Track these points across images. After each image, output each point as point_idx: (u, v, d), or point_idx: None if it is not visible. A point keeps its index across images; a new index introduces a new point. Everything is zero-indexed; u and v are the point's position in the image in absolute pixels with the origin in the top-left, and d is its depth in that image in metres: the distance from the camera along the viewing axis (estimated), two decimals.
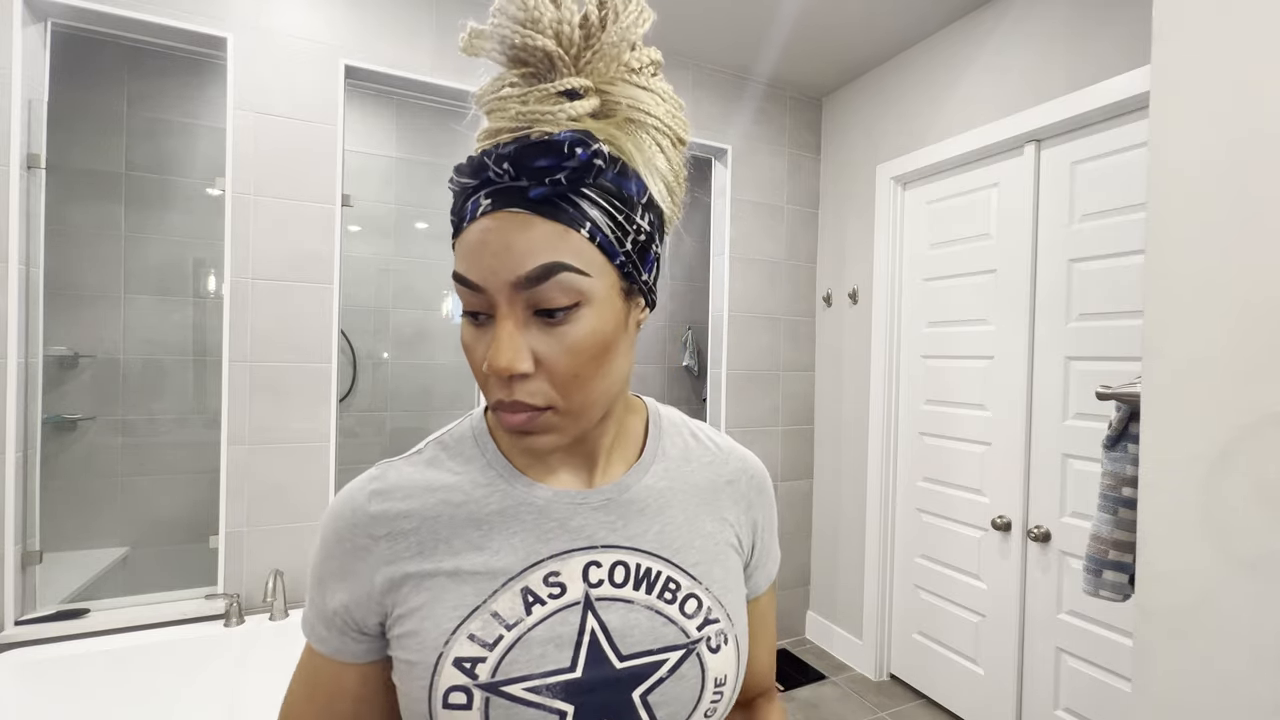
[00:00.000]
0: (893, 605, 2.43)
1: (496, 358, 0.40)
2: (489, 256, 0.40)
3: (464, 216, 0.42)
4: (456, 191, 0.44)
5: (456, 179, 0.43)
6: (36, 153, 1.61)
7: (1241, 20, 0.78)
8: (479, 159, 0.41)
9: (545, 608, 0.45)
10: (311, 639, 0.49)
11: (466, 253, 0.41)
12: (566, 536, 0.47)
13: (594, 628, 0.45)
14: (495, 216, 0.40)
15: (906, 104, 2.33)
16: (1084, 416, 1.78)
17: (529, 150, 0.39)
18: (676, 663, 0.46)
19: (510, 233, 0.39)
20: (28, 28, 1.57)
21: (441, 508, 0.47)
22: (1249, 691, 0.76)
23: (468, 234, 0.41)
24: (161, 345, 2.23)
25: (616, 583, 0.47)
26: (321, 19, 1.85)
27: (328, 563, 0.47)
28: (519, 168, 0.39)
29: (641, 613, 0.47)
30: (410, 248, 2.74)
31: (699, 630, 0.48)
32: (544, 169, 0.39)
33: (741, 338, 2.57)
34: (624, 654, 0.45)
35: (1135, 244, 1.66)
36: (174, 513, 2.21)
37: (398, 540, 0.46)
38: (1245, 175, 0.78)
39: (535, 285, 0.39)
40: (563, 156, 0.39)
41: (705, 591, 0.49)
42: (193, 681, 1.60)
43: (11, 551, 1.55)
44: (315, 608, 0.48)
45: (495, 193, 0.40)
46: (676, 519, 0.51)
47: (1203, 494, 0.80)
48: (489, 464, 0.49)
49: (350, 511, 0.47)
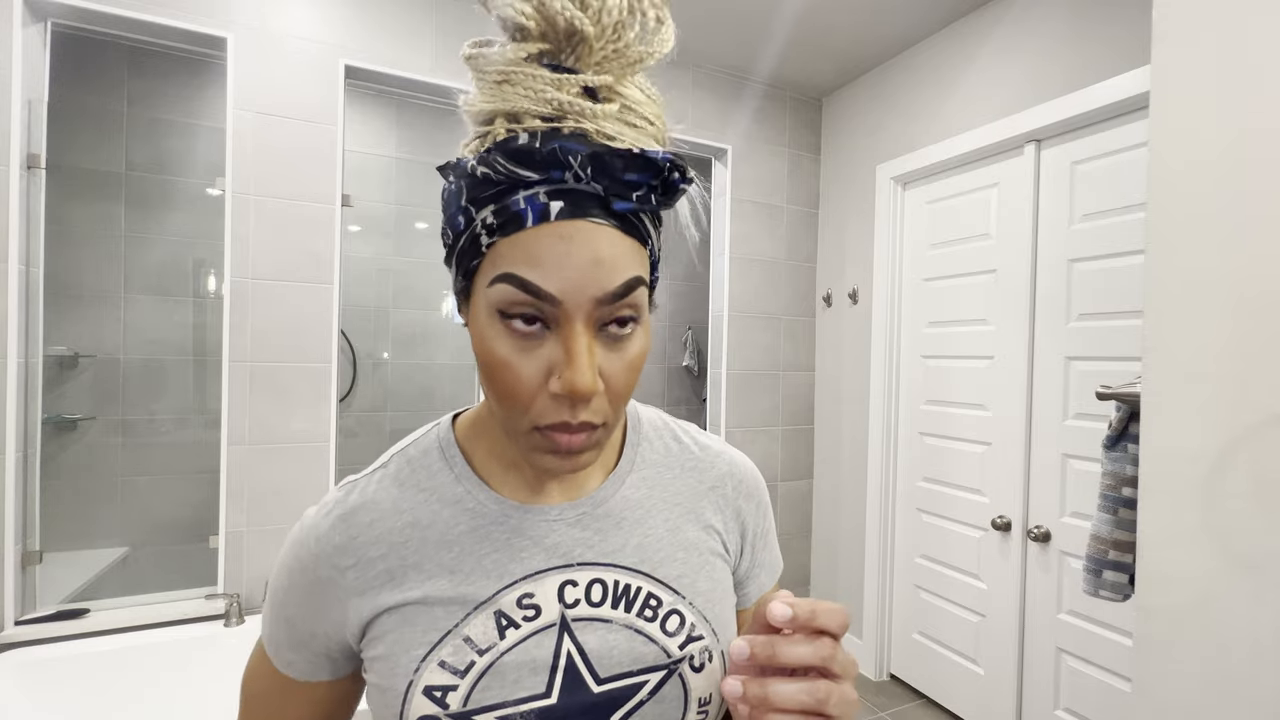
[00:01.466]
0: (893, 605, 2.43)
1: (580, 379, 0.36)
2: (572, 269, 0.35)
3: (516, 217, 0.36)
4: (499, 177, 0.36)
5: (505, 165, 0.36)
6: (36, 153, 1.61)
7: (1241, 20, 0.78)
8: (554, 152, 0.35)
9: (519, 631, 0.43)
10: (279, 664, 0.47)
11: (538, 258, 0.36)
12: (541, 555, 0.45)
13: (570, 650, 0.43)
14: (574, 224, 0.36)
15: (906, 104, 2.33)
16: (1084, 416, 1.78)
17: (625, 161, 0.36)
18: (657, 684, 0.44)
19: (597, 245, 0.36)
20: (28, 28, 1.57)
21: (409, 531, 0.45)
22: (1249, 691, 0.76)
23: (536, 237, 0.36)
24: (161, 345, 2.23)
25: (594, 602, 0.45)
26: (321, 19, 1.85)
27: (292, 592, 0.46)
28: (603, 174, 0.35)
29: (620, 633, 0.45)
30: (410, 248, 2.74)
31: (680, 649, 0.46)
32: (633, 184, 0.36)
33: (741, 338, 2.57)
34: (602, 677, 0.43)
35: (1135, 244, 1.65)
36: (174, 513, 2.21)
37: (366, 569, 0.44)
38: (1245, 175, 0.78)
39: (616, 301, 0.37)
40: (658, 176, 0.37)
41: (689, 606, 0.47)
42: (193, 682, 1.60)
43: (11, 551, 1.55)
44: (284, 633, 0.46)
45: (567, 195, 0.36)
46: (657, 530, 0.49)
47: (1203, 494, 0.80)
48: (457, 479, 0.47)
49: (314, 541, 0.45)
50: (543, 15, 0.35)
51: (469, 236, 0.38)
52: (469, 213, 0.38)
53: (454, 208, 0.39)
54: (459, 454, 0.48)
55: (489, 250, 0.37)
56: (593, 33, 0.36)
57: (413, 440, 0.50)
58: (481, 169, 0.37)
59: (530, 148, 0.35)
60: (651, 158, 0.36)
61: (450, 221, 0.40)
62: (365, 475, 0.48)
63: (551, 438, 0.38)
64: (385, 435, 2.65)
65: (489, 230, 0.37)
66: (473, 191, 0.37)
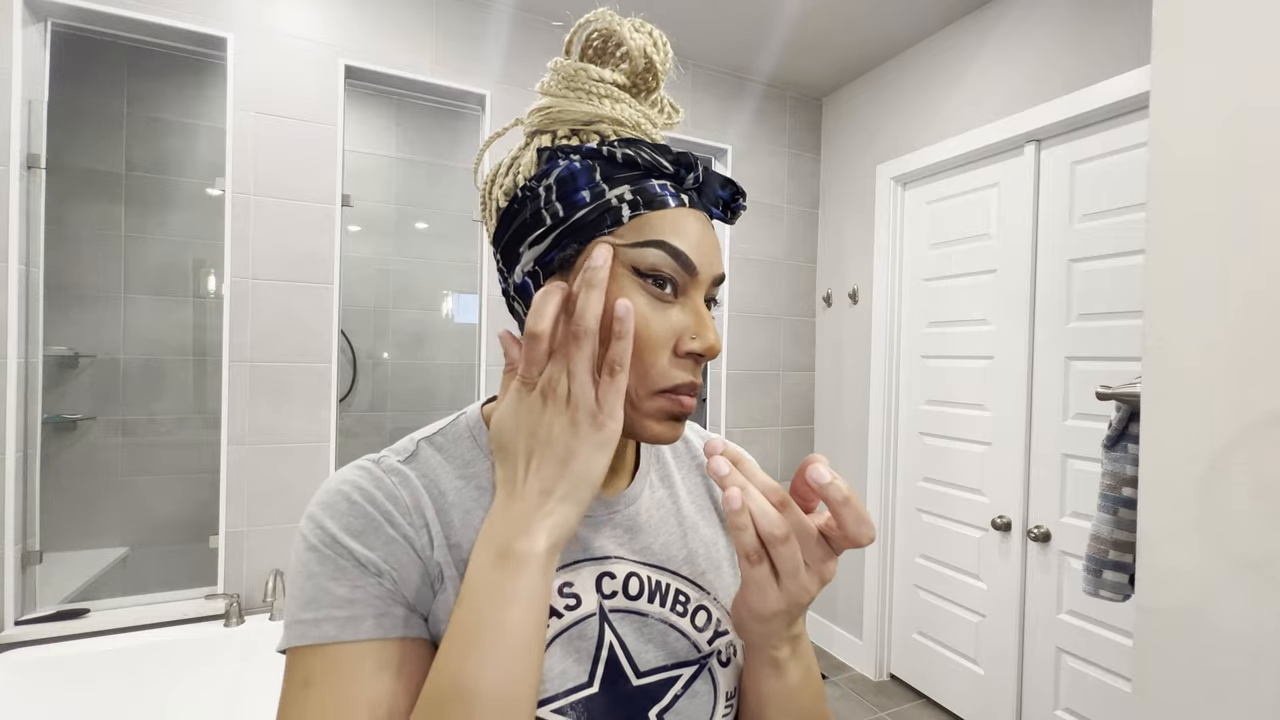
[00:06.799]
0: (893, 605, 2.43)
1: (713, 338, 0.42)
2: (708, 247, 0.43)
3: (658, 197, 0.41)
4: (643, 163, 0.41)
5: (649, 154, 0.41)
6: (36, 153, 1.61)
7: (1241, 20, 0.78)
8: (687, 155, 0.43)
9: (562, 620, 0.42)
10: (334, 629, 0.37)
11: (683, 231, 0.41)
12: (577, 547, 0.45)
13: (612, 641, 0.43)
14: (702, 215, 0.43)
15: (906, 104, 2.33)
16: (1084, 416, 1.78)
17: (720, 178, 0.45)
18: (690, 678, 0.45)
19: (712, 232, 0.44)
20: (28, 28, 1.57)
21: (453, 514, 0.43)
22: (1249, 691, 0.76)
23: (680, 216, 0.42)
24: (161, 345, 2.23)
25: (631, 595, 0.45)
26: (321, 19, 1.85)
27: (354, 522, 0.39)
28: (708, 184, 0.44)
29: (655, 626, 0.45)
30: (410, 248, 2.74)
31: (710, 644, 0.47)
32: (720, 198, 0.45)
33: (741, 338, 2.57)
34: (641, 670, 0.44)
35: (1135, 244, 1.65)
36: (174, 513, 2.21)
37: (427, 525, 0.41)
38: (1245, 175, 0.77)
39: (718, 285, 0.44)
40: (737, 195, 0.46)
41: (714, 602, 0.48)
42: (193, 682, 1.60)
43: (11, 551, 1.55)
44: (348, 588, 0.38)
45: (687, 194, 0.43)
46: (680, 527, 0.50)
47: (1203, 494, 0.80)
48: (494, 466, 0.44)
49: (371, 480, 0.41)
50: (644, 51, 0.43)
51: (600, 207, 0.41)
52: (601, 189, 0.41)
53: (580, 182, 0.41)
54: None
55: (632, 220, 0.41)
56: (661, 83, 0.46)
57: (438, 429, 0.48)
58: (624, 152, 0.41)
59: (666, 146, 0.43)
60: (733, 180, 0.45)
61: (569, 196, 0.41)
62: (394, 459, 0.44)
63: (679, 400, 0.42)
64: (385, 435, 2.65)
65: (630, 204, 0.41)
66: (608, 170, 0.41)
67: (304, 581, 0.39)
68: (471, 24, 2.05)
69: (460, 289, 2.74)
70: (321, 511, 0.40)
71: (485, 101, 2.05)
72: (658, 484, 0.51)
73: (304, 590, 0.39)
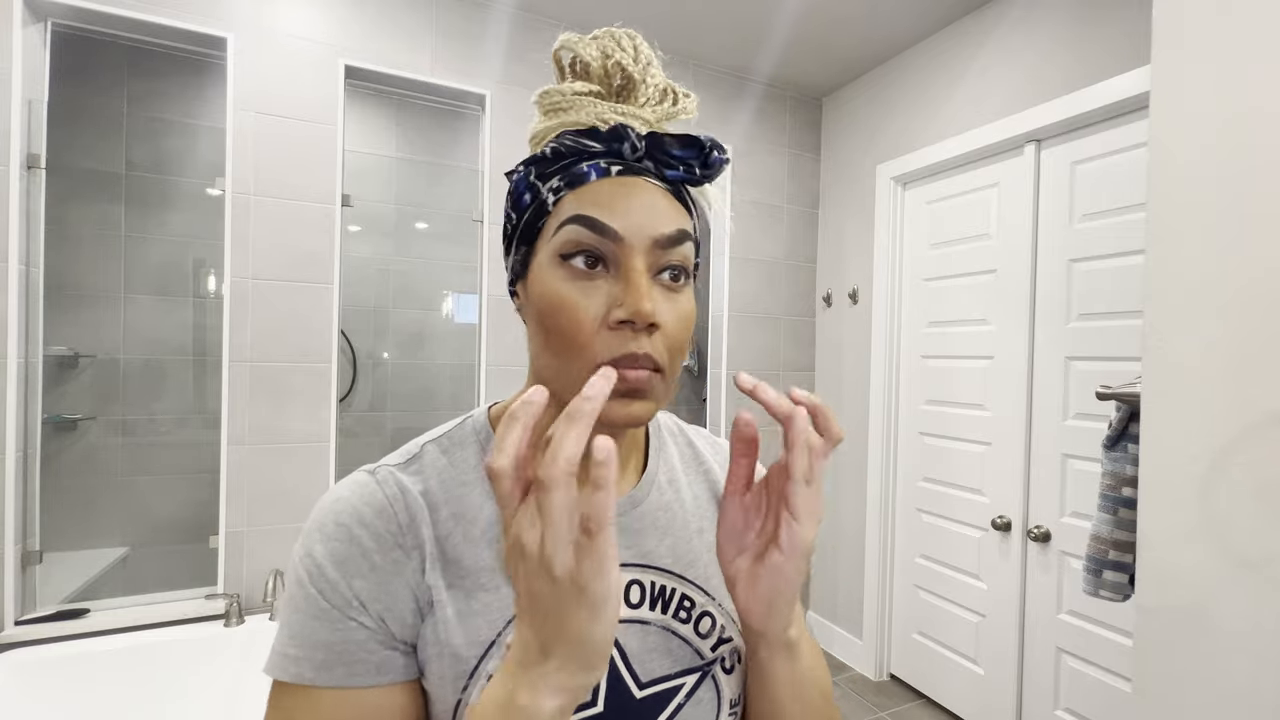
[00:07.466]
0: (893, 605, 2.43)
1: (640, 302, 0.38)
2: (635, 210, 0.40)
3: (581, 175, 0.40)
4: (567, 150, 0.41)
5: (573, 139, 0.41)
6: (36, 153, 1.61)
7: (1241, 21, 0.78)
8: (617, 128, 0.41)
9: None
10: (312, 675, 0.38)
11: (600, 201, 0.39)
12: None
13: (612, 654, 0.42)
14: (633, 179, 0.41)
15: (906, 104, 2.33)
16: (1084, 416, 1.78)
17: (674, 139, 0.42)
18: (693, 686, 0.45)
19: (653, 195, 0.41)
20: (28, 28, 1.57)
21: (451, 524, 0.43)
22: (1249, 691, 0.76)
23: (600, 186, 0.40)
24: (161, 345, 2.23)
25: (632, 602, 0.45)
26: (321, 19, 1.85)
27: (340, 549, 0.40)
28: (657, 148, 0.41)
29: (657, 634, 0.45)
30: (410, 248, 2.74)
31: (713, 650, 0.46)
32: (679, 159, 0.42)
33: (741, 338, 2.57)
34: (643, 681, 0.43)
35: (1135, 244, 1.65)
36: (174, 513, 2.21)
37: (420, 545, 0.41)
38: (1245, 175, 0.78)
39: (671, 247, 0.40)
40: (701, 151, 0.42)
41: (719, 608, 0.48)
42: (193, 682, 1.60)
43: (11, 551, 1.55)
44: (328, 630, 0.39)
45: (625, 163, 0.41)
46: (686, 531, 0.50)
47: (1203, 494, 0.80)
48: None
49: (364, 498, 0.42)
50: (604, 55, 0.43)
51: (536, 205, 0.41)
52: (536, 187, 0.42)
53: (521, 189, 0.43)
54: None
55: (555, 206, 0.41)
56: (638, 77, 0.43)
57: (444, 432, 0.48)
58: (550, 147, 0.41)
59: (595, 127, 0.41)
60: (696, 136, 0.42)
61: (515, 204, 0.43)
62: (396, 465, 0.45)
63: (623, 373, 0.38)
64: (385, 435, 2.65)
65: (555, 191, 0.41)
66: (540, 168, 0.42)
67: (290, 613, 0.40)
68: (471, 24, 2.05)
69: (460, 289, 2.74)
70: (313, 535, 0.41)
71: (485, 101, 2.05)
72: (665, 486, 0.51)
73: (290, 622, 0.40)
